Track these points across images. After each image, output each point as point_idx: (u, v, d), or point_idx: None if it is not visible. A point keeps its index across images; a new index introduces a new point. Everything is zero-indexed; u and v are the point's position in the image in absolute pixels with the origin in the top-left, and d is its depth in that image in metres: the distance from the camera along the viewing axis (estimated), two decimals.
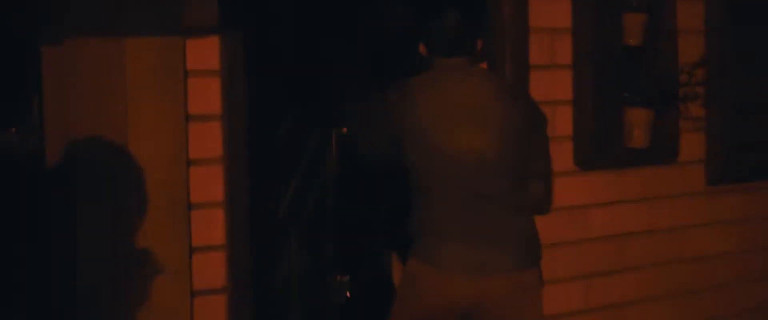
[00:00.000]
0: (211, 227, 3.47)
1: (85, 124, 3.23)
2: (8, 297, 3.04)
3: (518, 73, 4.19)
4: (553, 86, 4.33)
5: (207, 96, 3.43)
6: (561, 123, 4.35)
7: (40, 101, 3.17)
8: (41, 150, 3.16)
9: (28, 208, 3.14)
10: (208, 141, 3.44)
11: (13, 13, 3.05)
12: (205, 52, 3.41)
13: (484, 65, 4.07)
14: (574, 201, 4.40)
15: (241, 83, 3.51)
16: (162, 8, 3.30)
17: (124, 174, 3.29)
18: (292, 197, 4.04)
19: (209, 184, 3.45)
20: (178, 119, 3.37)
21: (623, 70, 4.46)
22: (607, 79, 4.43)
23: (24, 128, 3.15)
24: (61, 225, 3.18)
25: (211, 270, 3.49)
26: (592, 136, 4.40)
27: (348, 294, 4.18)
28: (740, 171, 4.95)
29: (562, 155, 4.31)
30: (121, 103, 3.28)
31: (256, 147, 3.66)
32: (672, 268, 4.81)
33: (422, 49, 3.42)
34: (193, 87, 3.40)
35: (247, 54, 3.55)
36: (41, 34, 3.17)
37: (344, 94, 4.40)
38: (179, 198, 3.38)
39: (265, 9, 3.80)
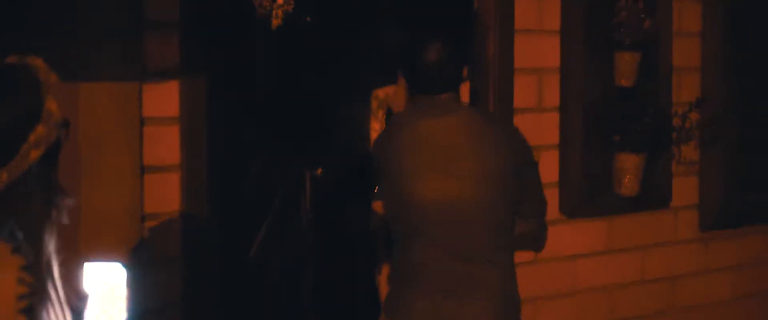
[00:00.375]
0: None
1: None
2: None
3: (502, 115, 3.93)
4: (539, 130, 4.08)
5: (165, 145, 3.18)
6: (547, 168, 4.08)
7: None
8: None
9: None
10: (166, 193, 3.19)
11: None
12: (163, 98, 3.16)
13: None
14: (560, 251, 4.17)
15: (203, 130, 3.26)
16: (116, 50, 3.04)
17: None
18: (263, 244, 3.78)
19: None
20: (133, 170, 3.11)
21: (614, 112, 4.21)
22: (596, 122, 4.19)
23: None
24: None
25: None
26: (579, 182, 4.16)
27: None
28: (735, 216, 4.70)
29: (547, 203, 4.07)
30: (71, 153, 3.01)
31: (219, 198, 3.40)
32: (666, 319, 4.57)
33: (403, 83, 3.20)
34: (150, 136, 3.15)
35: (211, 98, 3.29)
36: None
37: (321, 133, 4.19)
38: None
39: (232, 48, 3.54)
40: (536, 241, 3.33)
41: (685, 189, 4.55)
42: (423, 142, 3.07)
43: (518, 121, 3.97)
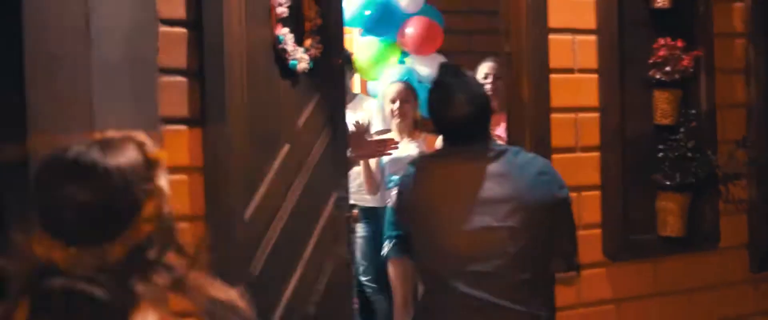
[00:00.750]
0: None
1: None
2: None
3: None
4: (578, 170, 3.98)
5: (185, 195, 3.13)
6: (588, 210, 4.00)
7: None
8: None
9: None
10: None
11: None
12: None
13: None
14: (603, 295, 4.06)
15: (229, 180, 3.21)
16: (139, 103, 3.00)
17: None
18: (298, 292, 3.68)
19: None
20: None
21: (656, 151, 4.09)
22: (638, 161, 4.07)
23: None
24: None
25: None
26: (622, 224, 4.04)
27: None
28: None
29: (589, 245, 3.97)
30: None
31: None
32: None
33: (433, 125, 3.15)
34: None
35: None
36: None
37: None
38: None
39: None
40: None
41: (733, 229, 4.38)
42: (454, 189, 3.02)
43: (556, 161, 3.87)
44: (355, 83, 6.29)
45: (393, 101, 5.19)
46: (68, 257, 1.75)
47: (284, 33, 3.50)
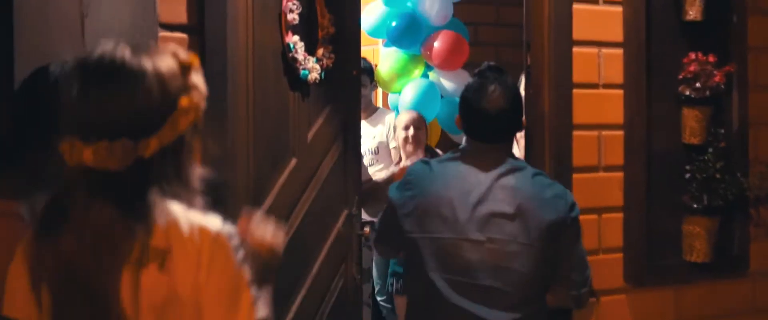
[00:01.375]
0: None
1: None
2: None
3: (559, 175, 3.65)
4: (600, 190, 3.81)
5: None
6: (609, 233, 3.83)
7: None
8: None
9: None
10: None
11: None
12: None
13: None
14: None
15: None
16: None
17: None
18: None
19: None
20: None
21: (683, 171, 3.91)
22: (663, 182, 3.89)
23: None
24: None
25: None
26: (645, 248, 3.86)
27: None
28: None
29: (610, 270, 3.81)
30: None
31: None
32: None
33: (458, 122, 3.05)
34: None
35: None
36: None
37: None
38: None
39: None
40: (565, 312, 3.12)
41: (764, 254, 4.18)
42: (466, 197, 2.89)
43: (577, 180, 3.73)
44: (378, 96, 6.16)
45: (406, 128, 5.13)
46: (98, 151, 1.75)
47: (295, 41, 3.39)
